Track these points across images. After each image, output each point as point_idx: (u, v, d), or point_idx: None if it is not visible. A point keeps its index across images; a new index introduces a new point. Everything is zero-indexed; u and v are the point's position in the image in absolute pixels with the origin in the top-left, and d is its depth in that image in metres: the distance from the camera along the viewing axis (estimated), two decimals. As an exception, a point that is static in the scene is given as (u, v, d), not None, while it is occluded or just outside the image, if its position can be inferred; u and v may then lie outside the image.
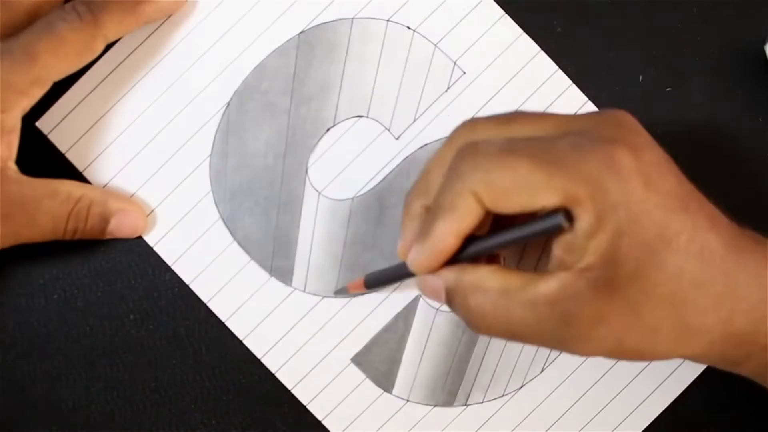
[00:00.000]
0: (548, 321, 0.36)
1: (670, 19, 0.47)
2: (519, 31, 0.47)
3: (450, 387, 0.47)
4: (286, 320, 0.47)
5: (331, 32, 0.47)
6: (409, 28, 0.47)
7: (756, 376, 0.40)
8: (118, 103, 0.46)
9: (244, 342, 0.47)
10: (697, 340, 0.37)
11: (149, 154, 0.47)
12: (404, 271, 0.41)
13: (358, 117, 0.47)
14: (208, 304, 0.47)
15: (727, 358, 0.39)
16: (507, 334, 0.37)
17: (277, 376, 0.47)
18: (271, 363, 0.47)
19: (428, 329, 0.47)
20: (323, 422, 0.47)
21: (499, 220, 0.38)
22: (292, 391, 0.47)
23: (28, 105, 0.42)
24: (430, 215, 0.38)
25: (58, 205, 0.43)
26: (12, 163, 0.43)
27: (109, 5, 0.43)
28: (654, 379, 0.48)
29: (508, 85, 0.47)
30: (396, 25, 0.47)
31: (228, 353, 0.47)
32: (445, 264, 0.38)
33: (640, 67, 0.47)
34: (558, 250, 0.36)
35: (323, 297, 0.47)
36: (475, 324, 0.38)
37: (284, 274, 0.47)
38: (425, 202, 0.40)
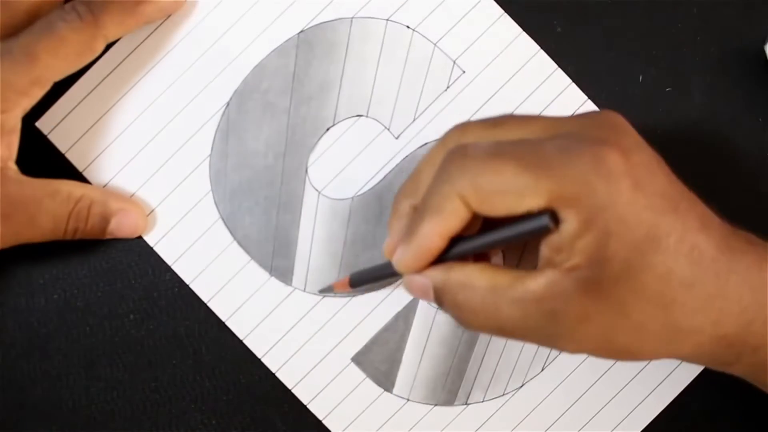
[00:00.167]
0: (535, 318, 0.36)
1: (670, 19, 0.47)
2: (518, 30, 0.47)
3: (450, 386, 0.48)
4: (286, 320, 0.47)
5: (331, 32, 0.47)
6: (408, 27, 0.47)
7: (747, 376, 0.40)
8: (118, 103, 0.46)
9: (245, 342, 0.47)
10: (686, 340, 0.37)
11: (149, 154, 0.46)
12: (390, 270, 0.41)
13: (357, 116, 0.47)
14: (208, 304, 0.47)
15: (717, 358, 0.39)
16: (496, 330, 0.38)
17: (278, 375, 0.47)
18: (271, 363, 0.47)
19: (428, 329, 0.47)
20: (324, 422, 0.47)
21: (490, 221, 0.38)
22: (293, 391, 0.47)
23: (28, 105, 0.42)
24: (417, 215, 0.38)
25: (59, 205, 0.43)
26: (12, 164, 0.43)
27: (109, 5, 0.43)
28: (653, 379, 0.48)
29: (507, 84, 0.47)
30: (395, 25, 0.47)
31: (228, 353, 0.47)
32: (431, 264, 0.39)
33: (640, 67, 0.47)
34: (546, 249, 0.36)
35: (323, 296, 0.47)
36: (465, 321, 0.38)
37: (284, 274, 0.47)
38: (413, 202, 0.40)
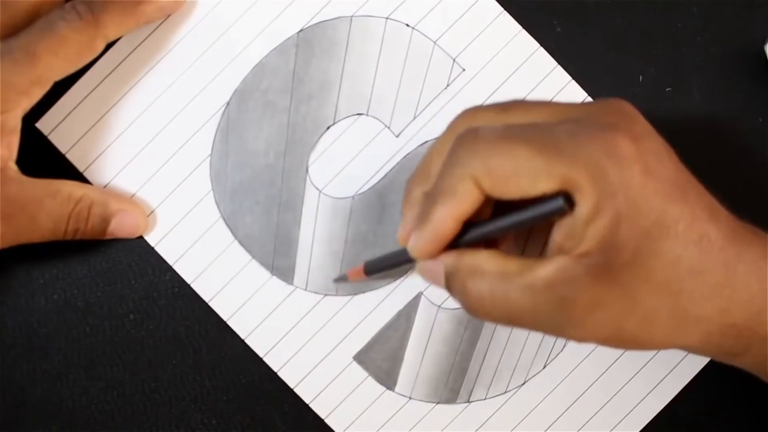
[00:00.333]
0: (545, 305, 0.36)
1: (670, 19, 0.47)
2: (518, 27, 0.47)
3: (452, 384, 0.48)
4: (287, 319, 0.47)
5: (331, 30, 0.47)
6: (408, 25, 0.47)
7: (754, 368, 0.40)
8: (118, 103, 0.46)
9: (246, 341, 0.47)
10: (695, 329, 0.37)
11: (149, 154, 0.46)
12: (404, 257, 0.41)
13: (358, 115, 0.47)
14: (210, 304, 0.47)
15: (726, 349, 0.39)
16: (505, 318, 0.37)
17: (279, 374, 0.47)
18: (273, 362, 0.47)
19: (430, 327, 0.47)
20: (326, 421, 0.47)
21: (501, 207, 0.38)
22: (295, 390, 0.47)
23: (28, 105, 0.42)
24: (429, 201, 0.38)
25: (59, 206, 0.43)
26: (13, 164, 0.43)
27: (109, 5, 0.42)
28: (655, 376, 0.48)
29: (507, 82, 0.47)
30: (395, 23, 0.47)
31: (228, 353, 0.47)
32: (445, 249, 0.38)
33: (640, 67, 0.47)
34: (557, 235, 0.36)
35: (325, 295, 0.47)
36: (473, 308, 0.38)
37: (285, 273, 0.47)
38: (425, 189, 0.40)
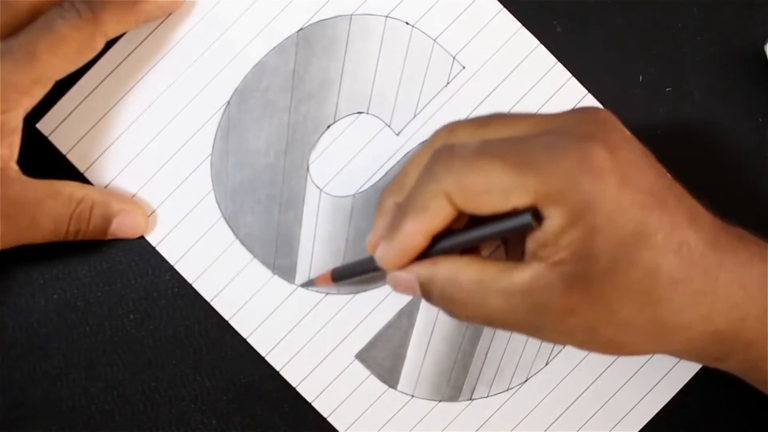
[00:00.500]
0: (521, 310, 0.37)
1: (670, 19, 0.47)
2: (518, 24, 0.47)
3: (455, 382, 0.48)
4: (289, 318, 0.47)
5: (330, 29, 0.47)
6: (407, 23, 0.47)
7: (740, 372, 0.41)
8: (118, 103, 0.46)
9: (248, 340, 0.47)
10: (675, 336, 0.37)
11: (150, 154, 0.46)
12: (372, 265, 0.41)
13: (358, 113, 0.47)
14: (212, 303, 0.47)
15: (709, 354, 0.39)
16: (485, 321, 0.38)
17: (282, 374, 0.47)
18: (275, 361, 0.47)
19: (432, 325, 0.48)
20: (329, 419, 0.47)
21: (476, 217, 0.38)
22: (297, 389, 0.47)
23: (29, 105, 0.42)
24: (401, 212, 0.38)
25: (60, 206, 0.43)
26: (14, 164, 0.42)
27: (108, 3, 0.42)
28: (654, 375, 0.48)
29: (507, 79, 0.47)
30: (395, 21, 0.47)
31: (228, 353, 0.47)
32: (414, 260, 0.39)
33: (640, 67, 0.47)
34: (531, 244, 0.36)
35: (326, 294, 0.47)
36: (454, 313, 0.39)
37: (287, 272, 0.47)
38: (398, 200, 0.40)
